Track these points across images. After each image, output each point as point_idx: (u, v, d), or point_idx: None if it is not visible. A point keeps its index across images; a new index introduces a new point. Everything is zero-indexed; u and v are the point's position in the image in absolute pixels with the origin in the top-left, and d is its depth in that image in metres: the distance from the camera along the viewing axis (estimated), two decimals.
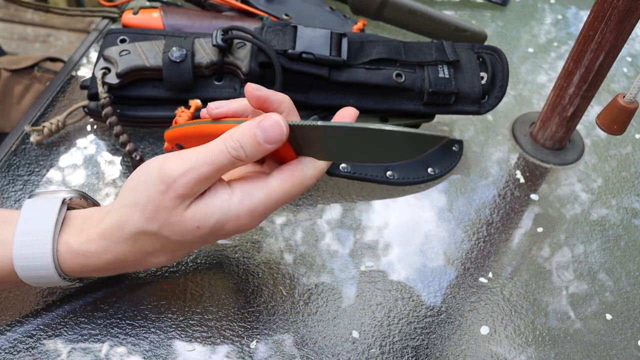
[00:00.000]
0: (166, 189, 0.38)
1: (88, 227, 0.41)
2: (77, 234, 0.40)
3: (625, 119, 0.49)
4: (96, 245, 0.40)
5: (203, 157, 0.38)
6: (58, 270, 0.40)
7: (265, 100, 0.41)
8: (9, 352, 0.44)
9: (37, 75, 0.86)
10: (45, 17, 2.02)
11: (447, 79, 0.56)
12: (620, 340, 0.49)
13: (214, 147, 0.38)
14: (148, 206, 0.38)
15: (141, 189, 0.38)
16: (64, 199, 0.42)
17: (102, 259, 0.40)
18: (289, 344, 0.46)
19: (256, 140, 0.37)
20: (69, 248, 0.40)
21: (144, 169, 0.39)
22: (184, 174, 0.37)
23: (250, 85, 0.41)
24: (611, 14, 0.50)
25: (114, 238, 0.40)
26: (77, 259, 0.40)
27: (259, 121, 0.38)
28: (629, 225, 0.58)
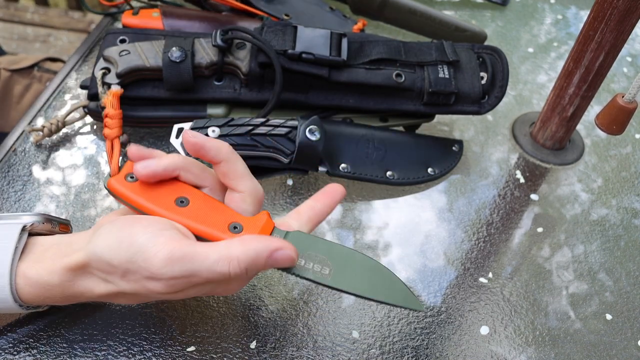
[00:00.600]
0: (152, 278, 0.36)
1: (52, 257, 0.38)
2: (36, 264, 0.38)
3: (624, 119, 0.49)
4: (60, 278, 0.38)
5: (200, 270, 0.36)
6: (18, 302, 0.38)
7: (201, 147, 0.39)
8: (9, 352, 0.43)
9: (36, 75, 0.86)
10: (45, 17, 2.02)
11: (447, 79, 0.56)
12: (620, 340, 0.49)
13: (216, 265, 0.36)
14: (128, 274, 0.36)
15: (124, 259, 0.36)
16: (24, 225, 0.39)
17: (66, 293, 0.38)
18: (289, 343, 0.46)
19: (265, 267, 0.37)
20: (28, 281, 0.38)
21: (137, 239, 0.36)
22: (173, 277, 0.35)
23: (188, 132, 0.39)
24: (611, 14, 0.50)
25: (85, 273, 0.38)
26: (37, 291, 0.38)
27: (271, 250, 0.37)
28: (629, 225, 0.58)
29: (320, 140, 0.51)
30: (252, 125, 0.50)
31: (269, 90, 0.56)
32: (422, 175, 0.57)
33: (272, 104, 0.55)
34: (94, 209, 0.53)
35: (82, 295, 0.39)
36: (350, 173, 0.54)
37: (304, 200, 0.56)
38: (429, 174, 0.58)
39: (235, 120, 0.51)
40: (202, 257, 0.36)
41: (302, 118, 0.52)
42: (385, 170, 0.56)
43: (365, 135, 0.56)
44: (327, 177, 0.58)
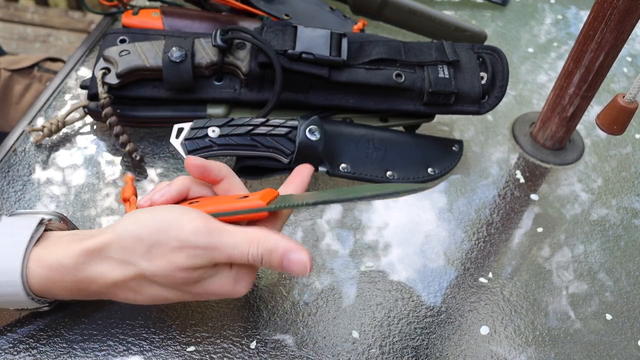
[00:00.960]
0: (179, 248, 0.38)
1: (69, 241, 0.39)
2: (52, 247, 0.39)
3: (624, 119, 0.49)
4: (76, 260, 0.38)
5: (224, 246, 0.38)
6: (25, 287, 0.38)
7: (204, 169, 0.43)
8: (9, 352, 0.43)
9: (37, 75, 0.86)
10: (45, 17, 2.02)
11: (447, 79, 0.56)
12: (621, 341, 0.49)
13: (237, 244, 0.38)
14: (153, 248, 0.38)
15: (153, 229, 0.38)
16: (42, 219, 0.41)
17: (78, 276, 0.38)
18: (289, 344, 0.46)
19: (278, 264, 0.39)
20: (41, 262, 0.38)
21: (163, 214, 0.39)
22: (201, 248, 0.38)
23: (190, 158, 0.43)
24: (611, 14, 0.50)
25: (101, 256, 0.38)
26: (48, 273, 0.38)
27: (289, 250, 0.39)
28: (629, 225, 0.58)
29: (320, 140, 0.51)
30: (252, 125, 0.50)
31: (269, 90, 0.56)
32: (422, 175, 0.57)
33: (272, 104, 0.55)
34: (94, 209, 0.53)
35: (92, 282, 0.39)
36: (350, 173, 0.54)
37: None
38: (429, 174, 0.58)
39: (235, 120, 0.51)
40: (229, 233, 0.38)
41: (302, 118, 0.52)
42: (385, 170, 0.56)
43: (365, 135, 0.56)
44: (327, 177, 0.58)
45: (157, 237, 0.38)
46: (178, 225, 0.38)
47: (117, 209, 0.54)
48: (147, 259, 0.38)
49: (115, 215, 0.53)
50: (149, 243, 0.38)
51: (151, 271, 0.38)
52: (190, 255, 0.38)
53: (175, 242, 0.37)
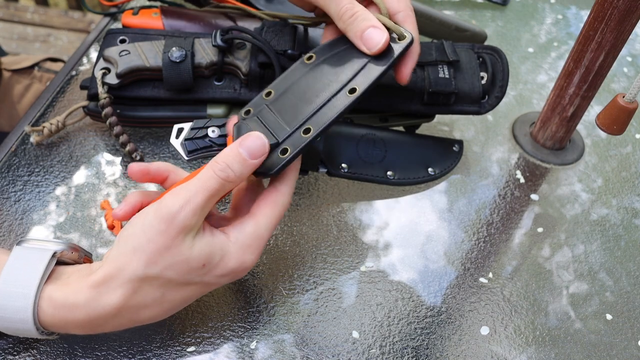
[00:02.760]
0: (167, 227, 0.38)
1: (76, 279, 0.39)
2: (62, 287, 0.39)
3: (625, 119, 0.49)
4: (86, 296, 0.38)
5: (194, 187, 0.39)
6: (37, 325, 0.38)
7: (145, 172, 0.44)
8: (10, 352, 0.44)
9: (37, 75, 0.86)
10: (45, 17, 2.02)
11: (447, 79, 0.56)
12: (621, 341, 0.49)
13: (202, 175, 0.40)
14: (148, 248, 0.38)
15: (139, 234, 0.38)
16: (55, 252, 0.40)
17: (91, 313, 0.38)
18: (289, 344, 0.46)
19: (242, 158, 0.40)
20: (53, 303, 0.38)
21: (139, 216, 0.39)
22: (181, 207, 0.38)
23: (132, 166, 0.44)
24: (611, 14, 0.50)
25: (109, 287, 0.38)
26: (61, 314, 0.38)
27: (239, 141, 0.41)
28: (629, 225, 0.58)
29: (320, 141, 0.51)
30: None
31: None
32: (422, 175, 0.57)
33: None
34: (94, 209, 0.53)
35: (105, 313, 0.38)
36: (350, 173, 0.54)
37: (304, 200, 0.56)
38: (429, 174, 0.58)
39: None
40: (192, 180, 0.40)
41: None
42: (385, 170, 0.56)
43: (365, 135, 0.56)
44: (327, 177, 0.58)
45: (146, 236, 0.38)
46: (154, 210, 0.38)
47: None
48: (150, 264, 0.38)
49: None
50: (142, 248, 0.38)
51: (158, 272, 0.38)
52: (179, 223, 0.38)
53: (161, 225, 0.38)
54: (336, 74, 0.46)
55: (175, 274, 0.39)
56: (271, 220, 0.42)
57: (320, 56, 0.48)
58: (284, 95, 0.46)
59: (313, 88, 0.46)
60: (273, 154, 0.43)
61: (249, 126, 0.44)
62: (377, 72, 0.45)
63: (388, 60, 0.45)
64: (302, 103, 0.45)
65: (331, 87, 0.45)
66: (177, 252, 0.38)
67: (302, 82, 0.46)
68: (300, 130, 0.44)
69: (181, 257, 0.38)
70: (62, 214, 0.53)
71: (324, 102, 0.45)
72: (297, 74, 0.47)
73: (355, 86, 0.45)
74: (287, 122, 0.44)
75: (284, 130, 0.44)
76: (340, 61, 0.47)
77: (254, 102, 0.47)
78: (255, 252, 0.42)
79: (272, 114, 0.45)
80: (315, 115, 0.44)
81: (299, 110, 0.45)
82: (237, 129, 0.45)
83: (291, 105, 0.45)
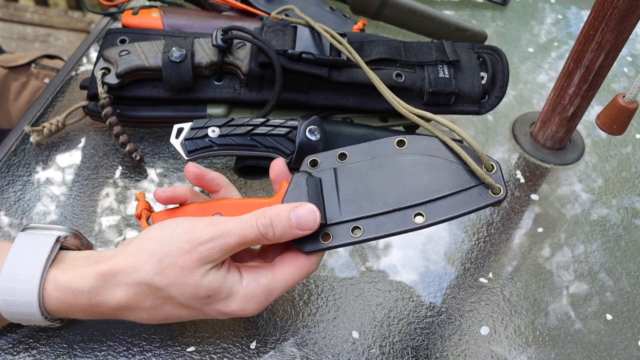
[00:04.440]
0: (190, 249, 0.38)
1: (84, 264, 0.40)
2: (68, 270, 0.39)
3: (625, 119, 0.49)
4: (91, 284, 0.38)
5: (232, 228, 0.39)
6: (41, 309, 0.39)
7: (202, 177, 0.44)
8: (9, 352, 0.43)
9: (33, 72, 0.86)
10: (45, 16, 2.02)
11: (447, 79, 0.56)
12: (621, 341, 0.49)
13: (244, 221, 0.39)
14: (165, 259, 0.38)
15: (164, 241, 0.38)
16: (59, 236, 0.41)
17: (93, 300, 0.39)
18: (289, 344, 0.46)
19: (289, 224, 0.39)
20: (58, 286, 0.39)
21: (171, 225, 0.39)
22: (211, 239, 0.38)
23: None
24: (611, 14, 0.50)
25: (115, 281, 0.39)
26: (64, 297, 0.39)
27: (294, 206, 0.40)
28: (629, 225, 0.58)
29: (320, 140, 0.51)
30: (252, 125, 0.50)
31: (269, 90, 0.56)
32: None
33: (272, 104, 0.55)
34: (94, 209, 0.53)
35: (107, 305, 0.39)
36: None
37: None
38: None
39: (235, 120, 0.51)
40: (234, 219, 0.39)
41: (302, 118, 0.52)
42: None
43: (365, 135, 0.56)
44: None
45: (168, 247, 0.38)
46: (186, 229, 0.39)
47: (117, 208, 0.54)
48: (160, 274, 0.38)
49: (115, 215, 0.53)
50: (160, 256, 0.38)
51: (165, 285, 0.38)
52: (203, 252, 0.38)
53: (186, 245, 0.38)
54: (415, 185, 0.41)
55: (179, 294, 0.39)
56: (288, 282, 0.41)
57: (413, 150, 0.42)
58: (356, 171, 0.42)
59: (385, 185, 0.41)
60: (315, 232, 0.40)
61: (307, 186, 0.41)
62: (453, 213, 0.40)
63: (475, 204, 0.40)
64: (367, 194, 0.41)
65: (402, 197, 0.41)
66: (189, 276, 0.38)
67: (379, 169, 0.42)
68: (350, 226, 0.41)
69: (191, 281, 0.38)
70: (61, 214, 0.53)
71: (385, 210, 0.40)
72: (380, 151, 0.43)
73: (423, 214, 0.40)
74: (342, 206, 0.41)
75: (336, 213, 0.41)
76: (427, 172, 0.41)
77: (325, 156, 0.43)
78: (260, 305, 0.41)
79: (333, 187, 0.42)
80: (371, 219, 0.40)
81: (360, 201, 0.41)
82: (295, 181, 0.42)
83: (356, 190, 0.42)
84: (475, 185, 0.40)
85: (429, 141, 0.42)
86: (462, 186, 0.40)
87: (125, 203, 0.54)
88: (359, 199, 0.41)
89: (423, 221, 0.40)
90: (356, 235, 0.40)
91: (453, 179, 0.40)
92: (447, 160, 0.41)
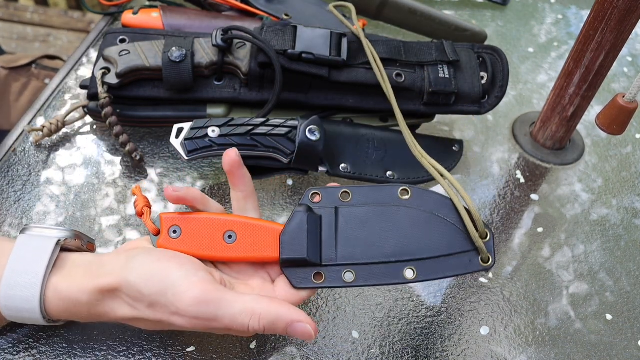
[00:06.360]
0: (177, 314, 0.38)
1: (83, 276, 0.40)
2: (68, 279, 0.39)
3: (625, 119, 0.49)
4: (89, 298, 0.39)
5: (222, 318, 0.38)
6: (43, 314, 0.39)
7: (182, 199, 0.43)
8: (9, 352, 0.43)
9: (34, 73, 0.86)
10: (45, 16, 2.02)
11: (447, 79, 0.56)
12: (621, 341, 0.49)
13: (238, 316, 0.38)
14: (154, 305, 0.38)
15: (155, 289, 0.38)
16: (59, 240, 0.41)
17: (92, 311, 0.39)
18: (289, 344, 0.46)
19: (282, 332, 0.39)
20: (58, 294, 0.39)
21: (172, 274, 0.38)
22: (197, 317, 0.38)
23: (168, 188, 0.43)
24: (611, 14, 0.50)
25: (112, 296, 0.39)
26: (64, 305, 0.39)
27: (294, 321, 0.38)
28: (629, 225, 0.58)
29: (320, 140, 0.51)
30: (252, 125, 0.50)
31: (269, 90, 0.56)
32: (422, 175, 0.57)
33: (272, 104, 0.55)
34: (94, 209, 0.53)
35: (105, 315, 0.40)
36: (350, 173, 0.54)
37: None
38: (429, 174, 0.57)
39: (235, 120, 0.51)
40: (228, 305, 0.38)
41: (302, 118, 0.52)
42: (385, 170, 0.56)
43: (365, 135, 0.56)
44: (327, 177, 0.58)
45: (157, 299, 0.38)
46: (175, 292, 0.38)
47: (117, 208, 0.54)
48: (151, 311, 0.39)
49: (115, 215, 0.53)
50: (151, 301, 0.38)
51: (155, 319, 0.39)
52: (189, 322, 0.38)
53: (174, 308, 0.38)
54: (411, 240, 0.42)
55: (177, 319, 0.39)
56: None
57: (415, 203, 0.43)
58: (357, 215, 0.42)
59: (383, 235, 0.42)
60: (307, 269, 0.41)
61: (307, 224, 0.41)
62: (442, 275, 0.41)
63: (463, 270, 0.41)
64: (364, 241, 0.42)
65: (397, 250, 0.41)
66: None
67: (379, 217, 0.42)
68: (343, 270, 0.41)
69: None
70: (61, 214, 0.53)
71: (380, 260, 0.41)
72: (383, 198, 0.43)
73: (414, 270, 0.41)
74: (338, 249, 0.41)
75: (332, 255, 0.41)
76: (425, 229, 0.42)
77: (328, 192, 0.43)
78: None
79: (332, 227, 0.42)
80: (364, 267, 0.41)
81: (357, 247, 0.41)
82: (296, 216, 0.42)
83: (354, 234, 0.42)
84: (468, 251, 0.41)
85: (432, 198, 0.43)
86: (455, 249, 0.41)
87: (125, 203, 0.54)
88: (356, 244, 0.42)
89: (413, 277, 0.41)
90: (347, 280, 0.41)
91: (448, 240, 0.41)
92: (446, 220, 0.42)
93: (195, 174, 0.57)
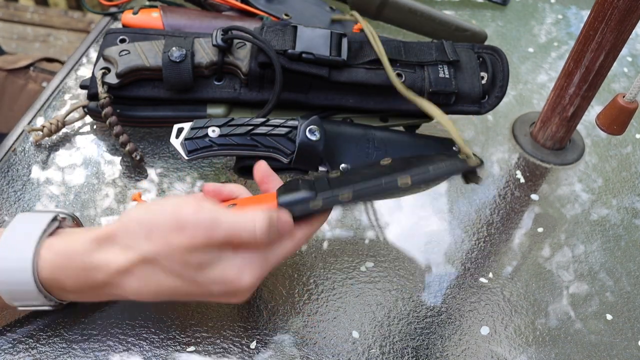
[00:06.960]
0: (178, 228, 0.38)
1: (81, 231, 0.41)
2: (64, 237, 0.40)
3: (625, 119, 0.49)
4: (84, 245, 0.39)
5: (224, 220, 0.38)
6: (35, 275, 0.39)
7: (218, 193, 0.45)
8: (9, 352, 0.43)
9: (32, 75, 0.86)
10: (45, 16, 2.02)
11: (447, 79, 0.56)
12: (621, 341, 0.49)
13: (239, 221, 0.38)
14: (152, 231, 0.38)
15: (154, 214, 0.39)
16: (56, 215, 0.42)
17: (86, 261, 0.39)
18: (289, 344, 0.46)
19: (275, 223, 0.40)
20: (52, 249, 0.39)
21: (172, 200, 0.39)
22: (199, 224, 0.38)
23: (207, 185, 0.45)
24: (611, 14, 0.50)
25: (108, 242, 0.39)
26: (58, 260, 0.39)
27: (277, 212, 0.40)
28: (629, 225, 0.58)
29: (320, 140, 0.51)
30: (252, 125, 0.50)
31: (269, 90, 0.56)
32: None
33: (272, 104, 0.55)
34: (94, 209, 0.53)
35: (99, 270, 0.38)
36: None
37: None
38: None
39: (235, 120, 0.51)
40: (229, 213, 0.39)
41: (302, 118, 0.52)
42: None
43: (365, 135, 0.56)
44: None
45: (157, 219, 0.38)
46: (179, 207, 0.38)
47: (117, 209, 0.54)
48: (148, 241, 0.38)
49: (115, 215, 0.53)
50: (149, 226, 0.38)
51: (151, 252, 0.38)
52: (189, 235, 0.37)
53: (174, 222, 0.38)
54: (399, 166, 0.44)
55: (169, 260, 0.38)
56: (283, 251, 0.41)
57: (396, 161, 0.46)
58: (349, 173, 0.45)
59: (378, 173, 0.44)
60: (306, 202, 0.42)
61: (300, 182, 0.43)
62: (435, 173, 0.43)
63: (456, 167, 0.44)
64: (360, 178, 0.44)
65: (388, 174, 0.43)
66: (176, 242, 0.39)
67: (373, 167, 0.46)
68: (339, 194, 0.42)
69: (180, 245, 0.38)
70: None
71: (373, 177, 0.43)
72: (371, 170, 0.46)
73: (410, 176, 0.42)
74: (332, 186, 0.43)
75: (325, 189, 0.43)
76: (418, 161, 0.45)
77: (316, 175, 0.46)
78: (256, 275, 0.40)
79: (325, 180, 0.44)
80: (358, 184, 0.42)
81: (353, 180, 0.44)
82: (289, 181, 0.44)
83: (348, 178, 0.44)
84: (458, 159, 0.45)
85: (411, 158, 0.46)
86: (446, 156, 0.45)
87: (125, 203, 0.54)
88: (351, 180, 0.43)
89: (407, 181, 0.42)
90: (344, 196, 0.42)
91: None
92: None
93: (195, 174, 0.57)
